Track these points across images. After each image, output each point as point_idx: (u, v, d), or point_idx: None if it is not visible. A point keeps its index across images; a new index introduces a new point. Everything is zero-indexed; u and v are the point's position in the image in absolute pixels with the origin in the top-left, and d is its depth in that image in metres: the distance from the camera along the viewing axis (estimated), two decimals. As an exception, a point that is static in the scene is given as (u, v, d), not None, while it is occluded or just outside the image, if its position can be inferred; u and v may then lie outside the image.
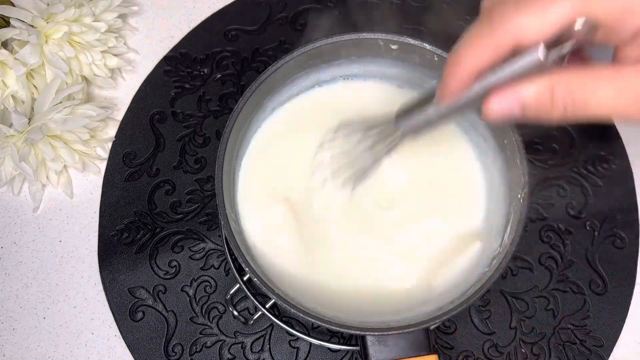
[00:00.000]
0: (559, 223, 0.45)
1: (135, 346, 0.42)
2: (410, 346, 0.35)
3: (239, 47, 0.50)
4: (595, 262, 0.44)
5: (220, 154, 0.37)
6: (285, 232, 0.40)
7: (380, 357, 0.35)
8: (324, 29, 0.50)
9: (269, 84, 0.40)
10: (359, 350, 0.36)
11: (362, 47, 0.40)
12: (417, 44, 0.39)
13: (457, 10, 0.50)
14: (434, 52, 0.38)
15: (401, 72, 0.42)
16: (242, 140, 0.41)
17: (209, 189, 0.46)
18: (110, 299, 0.43)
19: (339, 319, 0.34)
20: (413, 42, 0.39)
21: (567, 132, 0.47)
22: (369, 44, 0.40)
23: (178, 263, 0.44)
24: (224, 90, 0.49)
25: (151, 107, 0.48)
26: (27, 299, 0.44)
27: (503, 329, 0.43)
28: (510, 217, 0.37)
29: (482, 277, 0.36)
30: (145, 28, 0.51)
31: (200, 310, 0.43)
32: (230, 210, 0.37)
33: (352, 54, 0.41)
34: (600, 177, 0.46)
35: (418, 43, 0.39)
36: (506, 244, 0.36)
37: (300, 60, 0.40)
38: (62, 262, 0.45)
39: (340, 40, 0.39)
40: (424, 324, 0.34)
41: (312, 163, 0.41)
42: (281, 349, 0.42)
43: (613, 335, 0.43)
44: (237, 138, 0.39)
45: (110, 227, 0.45)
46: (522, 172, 0.36)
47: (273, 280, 0.36)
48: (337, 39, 0.39)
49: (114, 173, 0.47)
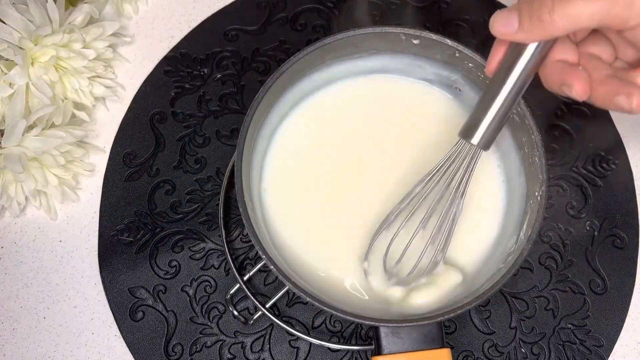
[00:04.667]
0: (559, 223, 0.45)
1: (135, 346, 0.42)
2: (423, 339, 0.35)
3: (239, 47, 0.50)
4: (595, 262, 0.44)
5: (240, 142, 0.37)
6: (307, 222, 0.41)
7: (393, 349, 0.35)
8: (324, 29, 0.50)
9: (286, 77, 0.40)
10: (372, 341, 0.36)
11: (384, 41, 0.40)
12: (438, 40, 0.39)
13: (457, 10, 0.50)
14: (456, 48, 0.38)
15: (422, 68, 0.42)
16: (260, 135, 0.41)
17: (209, 189, 0.46)
18: (110, 298, 0.43)
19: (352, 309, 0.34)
20: (435, 38, 0.39)
21: (567, 132, 0.47)
22: (391, 38, 0.40)
23: (178, 263, 0.44)
24: (224, 90, 0.49)
25: (151, 107, 0.48)
26: (27, 299, 0.44)
27: (503, 328, 0.43)
28: (527, 215, 0.37)
29: (496, 273, 0.36)
30: (144, 29, 0.51)
31: (200, 310, 0.43)
32: (249, 199, 0.37)
33: (373, 47, 0.41)
34: (600, 177, 0.46)
35: (439, 38, 0.39)
36: (522, 241, 0.36)
37: (318, 54, 0.40)
38: (62, 262, 0.45)
39: (364, 33, 0.39)
40: (438, 317, 0.34)
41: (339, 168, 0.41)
42: (281, 348, 0.42)
43: (613, 335, 0.43)
44: (255, 131, 0.39)
45: (110, 227, 0.45)
46: (540, 170, 0.36)
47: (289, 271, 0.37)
48: (362, 31, 0.39)
49: (114, 173, 0.47)
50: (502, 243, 0.39)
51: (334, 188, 0.41)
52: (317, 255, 0.40)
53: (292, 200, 0.41)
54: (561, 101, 0.48)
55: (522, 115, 0.37)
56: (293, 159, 0.42)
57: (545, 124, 0.47)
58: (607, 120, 0.48)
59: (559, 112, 0.48)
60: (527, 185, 0.38)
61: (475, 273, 0.39)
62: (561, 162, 0.47)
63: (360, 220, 0.41)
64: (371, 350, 0.41)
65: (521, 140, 0.39)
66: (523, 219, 0.38)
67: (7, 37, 0.42)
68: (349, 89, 0.43)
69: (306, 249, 0.40)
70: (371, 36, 0.39)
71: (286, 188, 0.41)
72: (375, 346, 0.36)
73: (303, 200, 0.41)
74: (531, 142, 0.37)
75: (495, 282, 0.34)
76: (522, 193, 0.39)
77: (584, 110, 0.48)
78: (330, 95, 0.43)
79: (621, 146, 0.47)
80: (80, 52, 0.44)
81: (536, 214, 0.36)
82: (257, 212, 0.39)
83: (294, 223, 0.41)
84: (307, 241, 0.40)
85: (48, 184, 0.43)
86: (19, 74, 0.42)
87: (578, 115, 0.47)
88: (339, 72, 0.43)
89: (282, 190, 0.41)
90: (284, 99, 0.41)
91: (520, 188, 0.39)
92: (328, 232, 0.40)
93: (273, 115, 0.41)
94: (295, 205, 0.41)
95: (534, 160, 0.37)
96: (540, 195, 0.36)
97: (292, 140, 0.43)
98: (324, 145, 0.42)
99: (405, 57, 0.42)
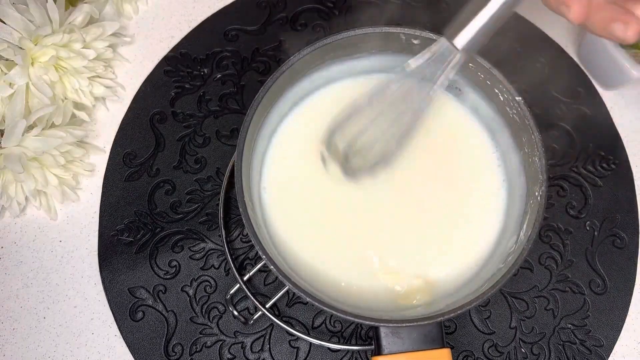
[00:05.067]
0: (559, 223, 0.45)
1: (135, 346, 0.42)
2: (423, 339, 0.35)
3: (239, 47, 0.50)
4: (595, 262, 0.44)
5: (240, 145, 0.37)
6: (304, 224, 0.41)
7: (393, 349, 0.35)
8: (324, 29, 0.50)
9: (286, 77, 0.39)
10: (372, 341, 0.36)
11: (384, 41, 0.40)
12: (438, 39, 0.38)
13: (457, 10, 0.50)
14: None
15: None
16: (260, 135, 0.41)
17: (209, 188, 0.46)
18: (110, 298, 0.43)
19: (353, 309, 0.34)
20: (435, 38, 0.38)
21: (567, 132, 0.47)
22: (391, 38, 0.40)
23: (178, 263, 0.44)
24: (224, 90, 0.49)
25: (151, 107, 0.48)
26: (27, 299, 0.44)
27: (503, 328, 0.43)
28: (527, 215, 0.37)
29: (496, 273, 0.36)
30: (144, 29, 0.51)
31: (200, 310, 0.43)
32: (249, 199, 0.37)
33: (373, 47, 0.41)
34: (600, 177, 0.46)
35: (439, 38, 0.38)
36: (522, 241, 0.36)
37: (318, 54, 0.40)
38: (62, 262, 0.45)
39: (364, 33, 0.39)
40: (438, 317, 0.34)
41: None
42: (281, 348, 0.42)
43: (613, 335, 0.43)
44: (255, 131, 0.39)
45: (110, 227, 0.45)
46: (540, 170, 0.36)
47: (288, 270, 0.37)
48: (362, 31, 0.39)
49: (114, 173, 0.47)
50: (502, 243, 0.39)
51: (334, 188, 0.41)
52: (317, 255, 0.40)
53: (292, 200, 0.41)
54: (561, 101, 0.48)
55: (522, 115, 0.37)
56: (293, 159, 0.42)
57: (545, 124, 0.47)
58: (607, 120, 0.48)
59: (559, 112, 0.48)
60: (527, 185, 0.38)
61: (475, 273, 0.39)
62: (561, 162, 0.47)
63: (361, 219, 0.41)
64: (371, 350, 0.41)
65: (521, 140, 0.39)
66: (523, 219, 0.38)
67: (7, 37, 0.42)
68: (349, 89, 0.44)
69: (306, 248, 0.40)
70: (371, 36, 0.39)
71: (286, 188, 0.41)
72: (375, 346, 0.36)
73: (303, 200, 0.41)
74: (531, 142, 0.37)
75: (495, 282, 0.34)
76: (522, 193, 0.39)
77: (584, 110, 0.48)
78: (330, 95, 0.43)
79: (621, 146, 0.47)
80: (80, 52, 0.44)
81: (536, 214, 0.36)
82: (257, 212, 0.39)
83: (294, 223, 0.41)
84: (307, 241, 0.40)
85: (48, 184, 0.43)
86: (19, 74, 0.42)
87: (578, 115, 0.48)
88: (339, 72, 0.43)
89: (282, 190, 0.41)
90: (284, 99, 0.41)
91: (520, 188, 0.39)
92: (328, 232, 0.40)
93: (273, 115, 0.41)
94: (295, 205, 0.41)
95: (534, 160, 0.37)
96: (540, 195, 0.36)
97: (292, 140, 0.43)
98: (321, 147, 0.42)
99: (405, 57, 0.42)
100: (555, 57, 0.50)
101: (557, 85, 0.49)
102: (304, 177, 0.42)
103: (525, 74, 0.48)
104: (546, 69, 0.49)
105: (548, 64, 0.49)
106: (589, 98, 0.48)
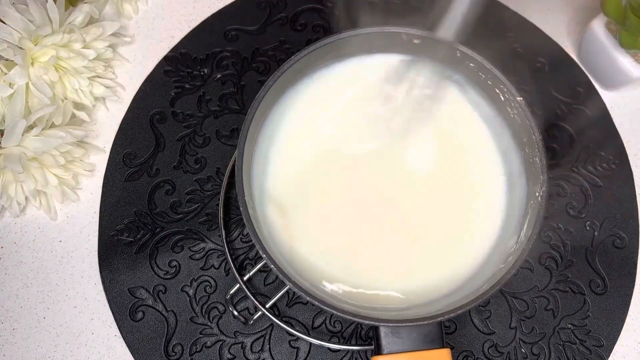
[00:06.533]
0: (559, 223, 0.45)
1: (135, 346, 0.42)
2: (423, 339, 0.35)
3: (239, 47, 0.50)
4: (595, 262, 0.44)
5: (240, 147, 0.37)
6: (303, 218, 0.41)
7: (393, 349, 0.35)
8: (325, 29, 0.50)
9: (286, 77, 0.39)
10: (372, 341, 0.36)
11: (384, 41, 0.40)
12: (439, 39, 0.39)
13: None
14: (457, 47, 0.38)
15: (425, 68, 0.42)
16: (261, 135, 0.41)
17: (209, 189, 0.46)
18: (110, 299, 0.43)
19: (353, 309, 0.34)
20: (436, 37, 0.39)
21: (567, 132, 0.47)
22: (391, 38, 0.40)
23: (178, 263, 0.44)
24: (224, 90, 0.49)
25: (151, 107, 0.48)
26: (27, 299, 0.44)
27: (503, 329, 0.43)
28: (528, 215, 0.37)
29: (497, 273, 0.36)
30: (144, 29, 0.51)
31: (200, 310, 0.43)
32: (249, 199, 0.37)
33: (373, 47, 0.41)
34: (600, 177, 0.46)
35: (440, 38, 0.38)
36: (522, 241, 0.36)
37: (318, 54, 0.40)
38: (62, 262, 0.45)
39: (364, 33, 0.39)
40: (438, 317, 0.34)
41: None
42: (281, 349, 0.42)
43: (613, 335, 0.43)
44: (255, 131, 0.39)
45: (110, 227, 0.45)
46: (541, 170, 0.36)
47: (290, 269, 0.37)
48: (362, 31, 0.39)
49: (114, 173, 0.47)
50: (502, 243, 0.39)
51: (335, 187, 0.41)
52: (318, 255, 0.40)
53: (293, 199, 0.41)
54: (561, 101, 0.48)
55: (522, 115, 0.37)
56: (294, 159, 0.42)
57: (545, 124, 0.47)
58: (607, 120, 0.48)
59: (559, 112, 0.48)
60: (527, 186, 0.38)
61: (475, 273, 0.39)
62: (561, 162, 0.47)
63: (361, 217, 0.41)
64: (371, 350, 0.41)
65: (521, 140, 0.39)
66: (523, 219, 0.38)
67: (7, 37, 0.42)
68: (349, 89, 0.44)
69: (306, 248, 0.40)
70: (371, 36, 0.39)
71: (287, 187, 0.41)
72: (375, 346, 0.36)
73: (304, 200, 0.41)
74: (531, 142, 0.37)
75: (495, 282, 0.34)
76: (523, 193, 0.39)
77: (584, 110, 0.48)
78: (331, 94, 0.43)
79: (621, 146, 0.47)
80: (80, 52, 0.44)
81: (536, 214, 0.36)
82: (257, 212, 0.39)
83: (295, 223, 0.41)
84: (307, 240, 0.40)
85: (48, 184, 0.43)
86: (19, 74, 0.42)
87: (578, 115, 0.48)
88: (338, 72, 0.43)
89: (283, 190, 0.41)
90: (284, 98, 0.41)
91: (521, 188, 0.39)
92: (329, 231, 0.40)
93: (274, 115, 0.41)
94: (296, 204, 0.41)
95: (535, 161, 0.37)
96: (540, 195, 0.36)
97: (293, 139, 0.43)
98: (324, 144, 0.42)
99: (406, 56, 0.42)
100: (555, 57, 0.50)
101: (557, 85, 0.49)
102: (304, 177, 0.42)
103: (525, 74, 0.48)
104: (546, 68, 0.49)
105: (548, 64, 0.49)
106: (589, 98, 0.48)
